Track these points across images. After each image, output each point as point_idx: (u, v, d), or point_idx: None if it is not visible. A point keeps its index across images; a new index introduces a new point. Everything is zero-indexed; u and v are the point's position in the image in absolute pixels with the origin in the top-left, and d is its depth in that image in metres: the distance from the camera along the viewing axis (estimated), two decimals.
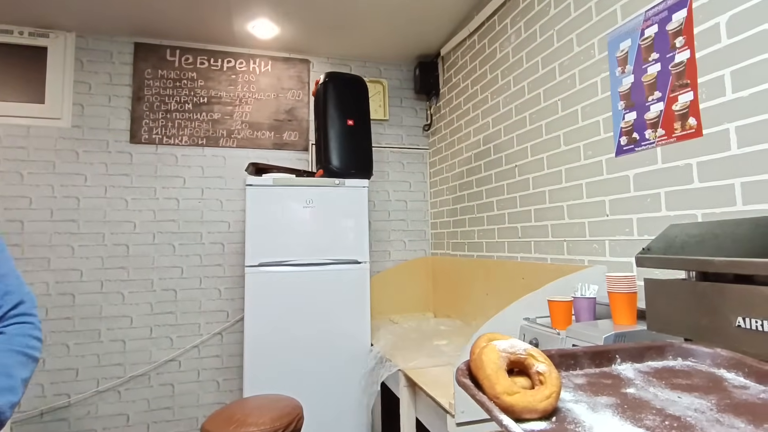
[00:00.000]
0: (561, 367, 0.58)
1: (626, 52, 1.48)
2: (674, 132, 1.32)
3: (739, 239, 0.79)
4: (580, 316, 1.30)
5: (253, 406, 1.55)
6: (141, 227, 2.60)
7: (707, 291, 0.69)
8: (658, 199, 1.37)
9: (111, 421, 2.48)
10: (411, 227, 3.09)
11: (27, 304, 0.96)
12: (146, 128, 2.63)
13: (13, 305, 0.92)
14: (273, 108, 2.87)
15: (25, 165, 2.46)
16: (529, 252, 2.01)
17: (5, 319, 0.91)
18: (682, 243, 0.79)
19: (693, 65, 1.26)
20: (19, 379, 0.86)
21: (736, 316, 0.63)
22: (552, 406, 0.46)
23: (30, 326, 0.93)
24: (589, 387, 0.54)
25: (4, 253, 0.97)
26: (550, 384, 0.47)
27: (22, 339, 0.90)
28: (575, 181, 1.71)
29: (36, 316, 0.97)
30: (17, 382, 0.85)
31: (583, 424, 0.45)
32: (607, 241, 1.57)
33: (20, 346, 0.89)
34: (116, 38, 2.64)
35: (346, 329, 2.22)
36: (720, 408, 0.49)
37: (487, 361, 0.49)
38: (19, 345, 0.89)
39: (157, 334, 2.59)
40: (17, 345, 0.89)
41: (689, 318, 0.71)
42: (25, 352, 0.90)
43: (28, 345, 0.91)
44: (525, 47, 2.03)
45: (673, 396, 0.52)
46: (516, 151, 2.09)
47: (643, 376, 0.57)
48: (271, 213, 2.18)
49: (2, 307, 0.91)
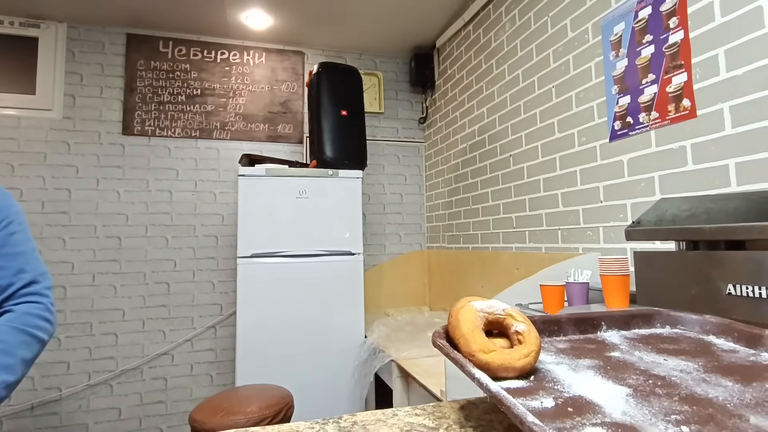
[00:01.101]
0: (544, 333, 0.56)
1: (620, 35, 1.46)
2: (668, 114, 1.30)
3: (731, 212, 0.77)
4: (573, 301, 1.28)
5: (241, 396, 1.52)
6: (133, 219, 2.58)
7: (697, 260, 0.67)
8: (652, 183, 1.35)
9: (103, 414, 2.45)
10: (406, 220, 3.06)
11: (41, 284, 0.94)
12: (139, 120, 2.61)
13: (25, 283, 0.91)
14: (267, 100, 2.85)
15: (15, 156, 2.43)
16: (524, 242, 1.99)
17: (15, 297, 0.90)
18: (672, 216, 0.77)
19: (687, 46, 1.24)
20: (19, 358, 0.84)
21: (727, 283, 0.61)
22: (530, 365, 0.44)
23: (40, 306, 0.92)
24: (571, 351, 0.52)
25: (24, 232, 0.96)
26: (528, 343, 0.45)
27: (29, 318, 0.89)
28: (569, 169, 1.69)
29: (49, 297, 0.94)
30: (16, 361, 0.83)
31: (562, 382, 0.43)
32: (601, 227, 1.55)
33: (26, 326, 0.87)
34: (108, 29, 2.62)
35: (339, 321, 2.20)
36: (707, 369, 0.47)
37: (464, 320, 0.47)
38: (26, 324, 0.87)
39: (150, 327, 2.56)
40: (23, 324, 0.87)
41: (679, 290, 0.69)
42: (31, 332, 0.88)
43: (35, 325, 0.89)
44: (519, 35, 2.01)
45: (659, 359, 0.49)
46: (511, 140, 2.08)
47: (629, 341, 0.55)
48: (264, 204, 2.16)
49: (14, 285, 0.90)
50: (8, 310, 0.89)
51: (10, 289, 0.89)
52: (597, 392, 0.41)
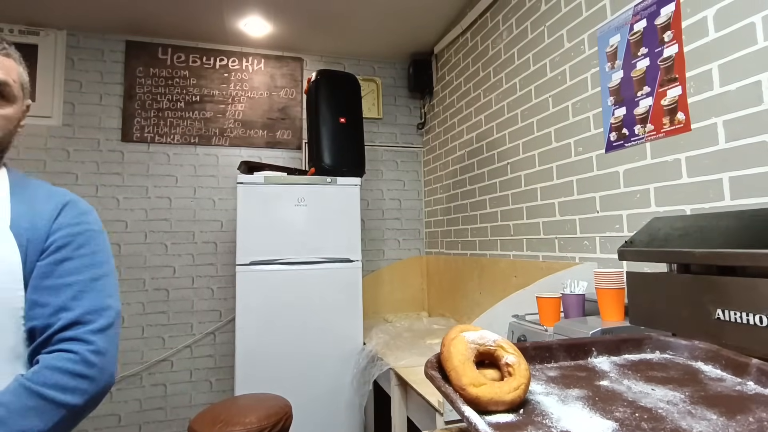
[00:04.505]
0: (536, 360, 0.57)
1: (615, 47, 1.47)
2: (663, 127, 1.31)
3: (723, 232, 0.78)
4: (569, 313, 1.29)
5: (240, 405, 1.53)
6: (133, 226, 2.59)
7: (687, 283, 0.68)
8: (648, 194, 1.36)
9: (102, 421, 2.46)
10: (405, 226, 3.07)
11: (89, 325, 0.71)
12: (138, 127, 2.62)
13: (64, 324, 0.70)
14: (266, 106, 2.85)
15: (15, 164, 2.43)
16: (522, 250, 2.00)
17: (51, 344, 0.69)
18: (665, 236, 0.78)
19: (681, 59, 1.25)
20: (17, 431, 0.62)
21: (716, 308, 0.62)
22: (520, 398, 0.45)
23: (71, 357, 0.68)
24: (561, 379, 0.53)
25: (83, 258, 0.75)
26: (518, 375, 0.46)
27: (49, 374, 0.66)
28: (566, 178, 1.70)
29: (91, 344, 0.71)
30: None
31: (551, 416, 0.44)
32: (597, 237, 1.56)
33: (41, 385, 0.65)
34: (107, 36, 2.63)
35: (338, 328, 2.21)
36: (693, 400, 0.48)
37: (455, 353, 0.48)
38: (41, 383, 0.65)
39: (149, 334, 2.57)
40: (38, 382, 0.65)
41: (670, 312, 0.70)
42: (45, 394, 0.65)
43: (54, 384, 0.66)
44: (516, 44, 2.02)
45: (647, 388, 0.50)
46: (508, 148, 2.08)
47: (619, 368, 0.56)
48: (263, 211, 2.17)
49: (51, 327, 0.69)
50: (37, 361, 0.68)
51: (47, 332, 0.69)
52: (584, 427, 0.42)
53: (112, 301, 0.77)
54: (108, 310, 0.75)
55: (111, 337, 0.74)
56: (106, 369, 0.72)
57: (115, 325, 0.76)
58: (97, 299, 0.74)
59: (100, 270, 0.77)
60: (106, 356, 0.72)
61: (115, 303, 0.77)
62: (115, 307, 0.77)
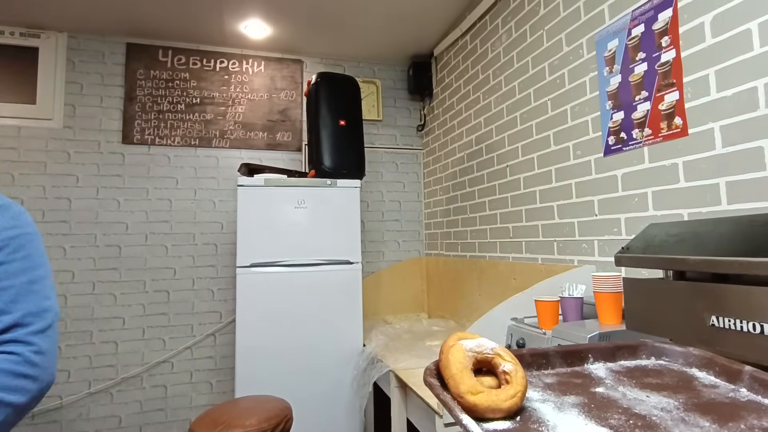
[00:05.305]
0: (533, 367, 0.58)
1: (614, 51, 1.48)
2: (661, 131, 1.32)
3: (719, 238, 0.79)
4: (567, 316, 1.30)
5: (240, 407, 1.54)
6: (133, 228, 2.60)
7: (682, 290, 0.68)
8: (645, 198, 1.37)
9: (103, 423, 2.47)
10: (405, 228, 3.08)
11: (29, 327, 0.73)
12: (138, 129, 2.63)
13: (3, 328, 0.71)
14: (266, 108, 2.86)
15: (16, 166, 2.45)
16: (521, 252, 2.01)
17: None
18: (661, 242, 0.79)
19: (678, 65, 1.26)
20: None
21: (710, 315, 0.63)
22: (516, 406, 0.46)
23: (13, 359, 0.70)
24: (558, 386, 0.54)
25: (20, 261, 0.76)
26: (515, 383, 0.47)
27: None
28: (565, 181, 1.71)
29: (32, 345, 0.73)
30: None
31: (547, 423, 0.45)
32: (596, 240, 1.57)
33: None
34: (108, 38, 2.63)
35: (338, 330, 2.22)
36: (687, 407, 0.48)
37: (453, 361, 0.48)
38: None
39: (150, 335, 2.58)
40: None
41: (666, 318, 0.71)
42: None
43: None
44: (515, 47, 2.03)
45: (642, 395, 0.51)
46: (507, 151, 2.09)
47: (614, 375, 0.57)
48: (263, 213, 2.18)
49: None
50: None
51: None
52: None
53: (50, 303, 0.78)
54: (47, 312, 0.76)
55: (51, 337, 0.76)
56: (48, 368, 0.75)
57: (54, 325, 0.78)
58: (36, 302, 0.76)
59: (37, 273, 0.78)
60: (47, 356, 0.74)
61: (53, 304, 0.79)
62: (53, 308, 0.79)
